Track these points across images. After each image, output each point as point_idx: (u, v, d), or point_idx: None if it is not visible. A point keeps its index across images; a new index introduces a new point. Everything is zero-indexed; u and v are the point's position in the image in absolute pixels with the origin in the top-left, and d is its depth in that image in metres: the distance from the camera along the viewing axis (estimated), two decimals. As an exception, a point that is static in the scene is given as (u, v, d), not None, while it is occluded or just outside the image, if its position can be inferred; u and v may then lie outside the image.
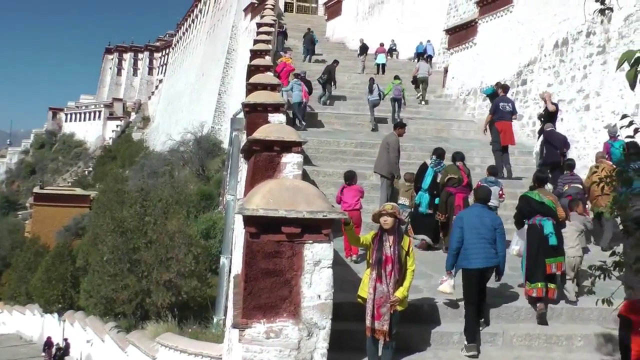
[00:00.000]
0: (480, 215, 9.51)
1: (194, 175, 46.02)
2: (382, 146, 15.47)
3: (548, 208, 10.19)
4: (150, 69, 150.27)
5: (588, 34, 22.24)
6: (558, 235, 9.95)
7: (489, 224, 9.37)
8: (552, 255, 9.78)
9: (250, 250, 6.11)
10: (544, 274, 9.76)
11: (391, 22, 46.53)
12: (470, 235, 9.22)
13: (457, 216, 10.30)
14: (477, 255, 9.15)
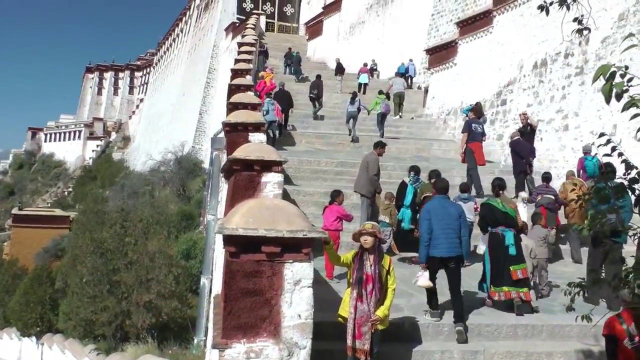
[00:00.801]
0: (445, 205, 10.06)
1: (175, 195, 45.80)
2: (362, 165, 15.60)
3: (510, 218, 10.80)
4: (131, 88, 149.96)
5: (566, 55, 22.50)
6: (518, 245, 10.63)
7: (453, 213, 9.94)
8: (515, 262, 10.45)
9: (230, 270, 6.07)
10: (510, 280, 10.39)
11: (372, 42, 46.89)
12: (437, 225, 9.71)
13: (423, 208, 10.63)
14: (442, 245, 9.66)
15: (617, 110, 16.44)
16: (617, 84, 3.71)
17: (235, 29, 60.66)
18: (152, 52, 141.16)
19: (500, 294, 10.48)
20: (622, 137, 16.79)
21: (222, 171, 11.14)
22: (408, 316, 9.72)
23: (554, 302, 11.08)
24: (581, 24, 5.32)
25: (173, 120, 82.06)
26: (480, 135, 18.89)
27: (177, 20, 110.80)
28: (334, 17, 56.87)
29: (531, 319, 10.21)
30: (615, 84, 3.71)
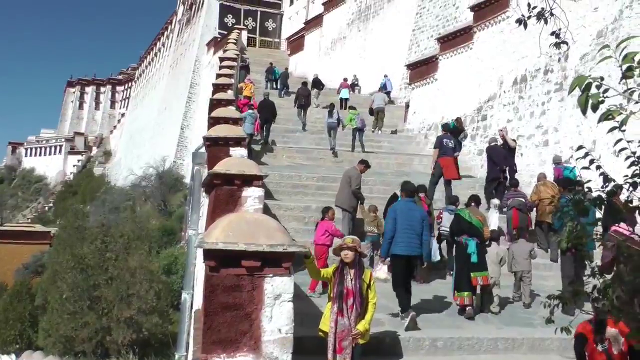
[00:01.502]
0: (410, 208, 10.92)
1: (156, 211, 45.73)
2: (344, 180, 15.76)
3: (475, 229, 11.50)
4: (113, 103, 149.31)
5: (546, 71, 22.69)
6: (481, 253, 11.33)
7: (417, 216, 10.77)
8: (476, 270, 11.14)
9: (210, 285, 6.06)
10: (470, 285, 11.08)
11: (354, 57, 47.10)
12: (401, 225, 10.45)
13: (390, 208, 11.37)
14: (404, 244, 10.40)
15: (596, 126, 16.70)
16: (594, 95, 3.75)
17: (217, 44, 60.75)
18: (134, 67, 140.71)
19: (463, 299, 11.12)
20: (602, 152, 16.91)
21: (203, 186, 11.13)
22: (389, 330, 9.74)
23: (535, 315, 11.16)
24: (559, 38, 5.38)
25: (155, 135, 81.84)
26: (451, 151, 19.14)
27: (159, 35, 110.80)
28: (315, 32, 57.12)
29: (512, 332, 10.27)
30: (591, 95, 3.75)
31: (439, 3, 34.13)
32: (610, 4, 20.59)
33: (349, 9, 51.05)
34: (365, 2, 48.40)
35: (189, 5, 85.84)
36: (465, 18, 30.08)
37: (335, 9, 53.89)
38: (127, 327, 22.08)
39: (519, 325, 10.75)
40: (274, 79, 40.48)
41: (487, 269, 11.39)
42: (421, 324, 10.25)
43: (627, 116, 3.80)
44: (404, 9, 41.54)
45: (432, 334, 9.75)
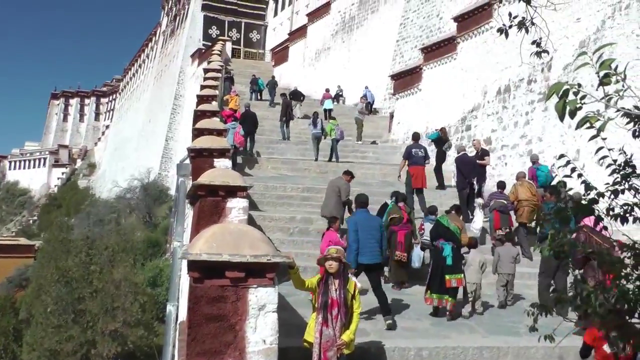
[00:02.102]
0: (368, 218, 11.71)
1: (141, 222, 45.57)
2: (331, 190, 15.82)
3: (451, 233, 12.07)
4: (97, 115, 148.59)
5: (529, 81, 22.83)
6: (456, 257, 11.84)
7: (375, 225, 11.56)
8: (450, 272, 11.64)
9: (194, 296, 6.04)
10: (443, 287, 11.59)
11: (337, 67, 47.23)
12: (363, 235, 11.09)
13: (351, 220, 11.88)
14: (366, 252, 11.05)
15: (580, 135, 16.78)
16: (571, 101, 3.78)
17: (201, 55, 60.77)
18: (118, 78, 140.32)
19: (434, 300, 11.75)
20: (585, 162, 16.99)
21: (187, 197, 11.11)
22: (374, 340, 9.73)
23: (520, 324, 11.17)
24: (539, 46, 5.42)
25: (139, 146, 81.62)
26: (422, 159, 19.39)
27: (143, 46, 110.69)
28: (299, 43, 57.26)
29: (497, 341, 10.29)
30: (568, 101, 3.78)
31: (423, 14, 34.30)
32: (592, 15, 20.77)
33: (332, 20, 51.24)
34: (349, 13, 48.58)
35: (173, 17, 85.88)
36: (449, 28, 30.23)
37: (319, 20, 54.09)
38: (112, 339, 21.95)
39: (504, 334, 10.77)
40: (258, 90, 40.56)
41: (461, 272, 11.95)
42: (406, 333, 10.31)
43: (604, 122, 3.83)
44: (387, 20, 41.74)
45: (417, 344, 9.75)
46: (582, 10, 21.37)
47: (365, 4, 46.18)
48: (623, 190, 4.82)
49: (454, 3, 30.83)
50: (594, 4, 21.02)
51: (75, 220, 61.47)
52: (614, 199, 4.82)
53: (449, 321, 11.53)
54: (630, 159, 4.86)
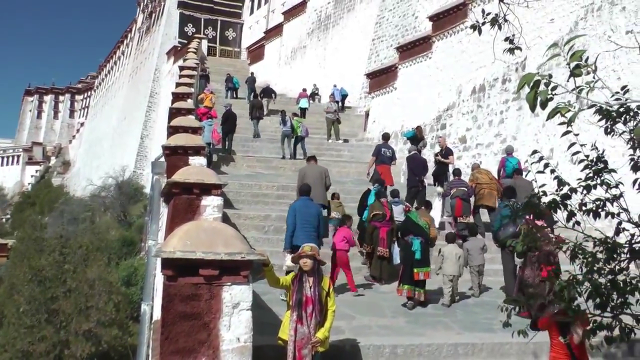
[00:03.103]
0: (307, 205, 12.63)
1: (116, 221, 45.27)
2: (317, 177, 16.25)
3: (420, 229, 12.65)
4: (72, 112, 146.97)
5: (504, 80, 22.99)
6: (424, 251, 12.45)
7: (314, 212, 12.51)
8: (419, 265, 12.22)
9: (168, 294, 6.00)
10: (412, 279, 12.15)
11: (313, 66, 47.20)
12: (300, 221, 12.15)
13: (291, 206, 12.83)
14: (302, 236, 11.76)
15: (553, 134, 16.92)
16: (542, 92, 3.80)
17: (177, 53, 60.51)
18: (93, 75, 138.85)
19: (403, 291, 12.27)
20: (559, 160, 17.14)
21: (162, 195, 11.05)
22: (349, 338, 9.72)
23: (494, 320, 11.21)
24: (512, 43, 5.45)
25: (114, 144, 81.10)
26: (388, 159, 20.12)
27: (119, 43, 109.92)
28: (275, 41, 57.21)
29: (472, 337, 10.33)
30: (539, 92, 3.80)
31: (398, 13, 34.37)
32: (565, 16, 20.96)
33: (308, 19, 51.22)
34: (325, 11, 48.58)
35: (149, 14, 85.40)
36: (425, 28, 30.33)
37: (294, 19, 54.05)
38: (86, 339, 21.79)
39: (479, 330, 10.82)
40: (234, 88, 40.47)
41: (429, 265, 12.53)
42: (381, 331, 10.33)
43: (575, 113, 3.86)
44: (363, 19, 41.79)
45: (392, 341, 9.76)
46: (555, 11, 21.57)
47: (341, 3, 46.20)
48: (595, 185, 4.88)
49: (430, 2, 30.92)
50: (567, 5, 21.23)
51: (49, 218, 60.89)
52: (587, 194, 4.87)
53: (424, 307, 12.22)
54: (602, 155, 4.92)
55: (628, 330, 4.77)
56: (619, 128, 4.58)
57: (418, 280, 12.24)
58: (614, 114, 4.46)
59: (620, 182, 4.92)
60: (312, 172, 16.48)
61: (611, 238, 4.92)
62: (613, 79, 17.28)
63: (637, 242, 4.86)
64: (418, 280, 12.24)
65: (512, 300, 5.15)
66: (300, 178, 16.21)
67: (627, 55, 18.33)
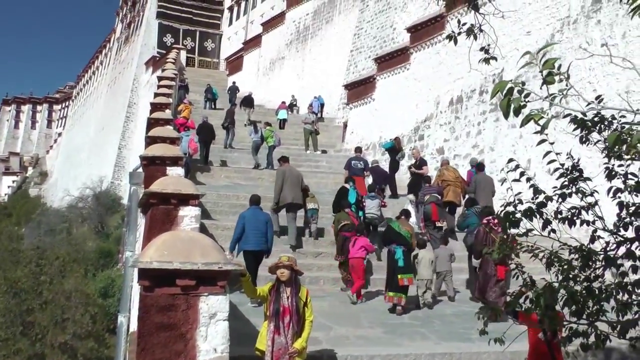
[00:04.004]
0: (256, 214, 13.60)
1: (93, 232, 45.00)
2: (295, 178, 16.95)
3: (403, 237, 13.32)
4: (50, 122, 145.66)
5: (481, 92, 23.14)
6: (407, 258, 13.09)
7: (262, 219, 13.48)
8: (402, 272, 12.84)
9: (144, 305, 5.96)
10: (398, 286, 12.74)
11: (292, 77, 47.27)
12: (249, 227, 13.19)
13: (241, 214, 13.81)
14: (252, 241, 13.12)
15: (530, 146, 17.04)
16: (515, 99, 3.83)
17: (156, 63, 60.35)
18: (71, 85, 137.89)
19: (391, 298, 12.86)
20: (536, 171, 17.24)
21: (139, 206, 11.00)
22: (326, 349, 9.71)
23: (471, 330, 11.23)
24: (488, 53, 5.49)
25: (92, 155, 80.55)
26: (360, 171, 20.43)
27: (97, 53, 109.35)
28: (254, 52, 57.23)
29: (449, 347, 10.36)
30: (513, 99, 3.83)
31: (377, 24, 34.51)
32: (542, 28, 21.17)
33: (287, 30, 51.30)
34: (304, 23, 48.70)
35: (127, 24, 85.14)
36: (402, 39, 30.46)
37: (273, 30, 54.13)
38: (62, 352, 21.61)
39: (456, 340, 10.85)
40: (213, 99, 40.48)
41: (411, 272, 13.12)
42: (359, 341, 10.35)
43: (548, 120, 3.90)
44: (341, 30, 41.93)
45: (370, 352, 9.76)
46: (532, 23, 21.78)
47: (320, 14, 46.34)
48: (570, 193, 4.92)
49: (408, 14, 31.08)
50: (543, 18, 21.44)
51: (26, 229, 60.31)
52: (562, 202, 4.90)
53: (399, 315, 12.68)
54: (577, 163, 4.96)
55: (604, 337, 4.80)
56: (594, 137, 4.63)
57: (402, 286, 12.82)
58: (589, 123, 4.51)
59: (595, 190, 4.97)
60: (291, 174, 17.08)
61: (586, 246, 4.95)
62: (589, 91, 17.44)
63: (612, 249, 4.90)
64: (402, 286, 12.82)
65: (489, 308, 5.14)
66: (281, 178, 16.84)
67: (603, 67, 18.56)
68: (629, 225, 4.88)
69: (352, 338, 10.66)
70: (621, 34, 18.27)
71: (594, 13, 19.53)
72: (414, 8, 30.58)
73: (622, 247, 4.87)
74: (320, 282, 14.96)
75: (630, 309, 4.72)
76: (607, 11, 19.09)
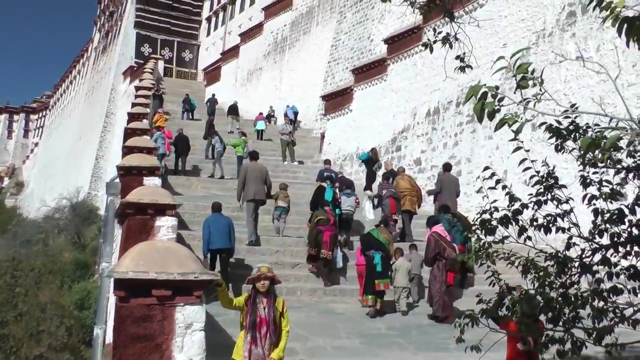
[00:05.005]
0: (219, 219, 14.63)
1: (69, 243, 44.57)
2: (258, 175, 17.32)
3: (381, 244, 13.95)
4: (26, 132, 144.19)
5: (458, 103, 23.27)
6: (385, 264, 13.68)
7: (225, 223, 14.44)
8: (380, 277, 13.51)
9: (120, 315, 5.91)
10: (374, 290, 13.43)
11: (269, 88, 47.32)
12: (214, 230, 14.17)
13: (206, 220, 14.85)
14: (216, 241, 14.14)
15: (507, 157, 17.14)
16: (489, 103, 3.85)
17: (133, 73, 60.12)
18: (48, 95, 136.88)
19: (367, 301, 13.51)
20: (513, 182, 17.32)
21: (116, 216, 10.94)
22: (303, 359, 9.69)
23: (449, 340, 11.23)
24: (463, 61, 5.52)
25: (69, 165, 79.95)
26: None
27: (75, 62, 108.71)
28: (231, 63, 57.17)
29: (426, 357, 10.38)
30: (486, 103, 3.85)
31: (354, 35, 34.61)
32: (517, 41, 21.35)
33: (265, 41, 51.34)
34: (282, 33, 48.78)
35: (105, 33, 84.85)
36: (380, 50, 30.57)
37: (251, 40, 54.14)
38: (37, 365, 21.40)
39: (434, 350, 10.87)
40: (190, 109, 40.38)
41: (388, 277, 13.79)
42: (335, 352, 10.36)
43: (521, 123, 3.92)
44: (319, 41, 42.05)
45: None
46: (508, 36, 21.96)
47: (298, 26, 46.44)
48: (546, 201, 4.95)
49: (385, 26, 31.20)
50: (519, 31, 21.64)
51: (1, 240, 59.71)
52: (538, 209, 4.93)
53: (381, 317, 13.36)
54: (552, 171, 4.99)
55: (580, 344, 4.82)
56: (569, 145, 4.66)
57: (379, 291, 13.51)
58: (564, 131, 4.55)
59: (570, 197, 5.00)
60: (254, 170, 17.46)
61: (562, 253, 4.98)
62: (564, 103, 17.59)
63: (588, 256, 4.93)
64: (379, 291, 13.51)
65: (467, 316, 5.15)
66: (243, 174, 17.43)
67: (578, 80, 18.78)
68: (604, 232, 4.91)
69: (329, 348, 10.64)
70: (595, 47, 18.47)
71: (569, 26, 19.75)
72: (391, 20, 30.70)
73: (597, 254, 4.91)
74: (298, 293, 14.91)
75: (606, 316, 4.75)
76: (581, 25, 19.30)
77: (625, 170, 4.62)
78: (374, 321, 13.06)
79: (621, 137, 3.85)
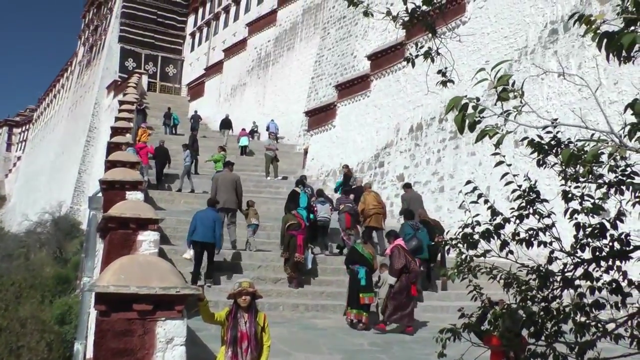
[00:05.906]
0: (207, 214, 15.22)
1: (51, 258, 44.32)
2: (229, 184, 17.97)
3: (365, 259, 14.16)
4: (9, 145, 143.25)
5: (441, 120, 23.38)
6: (369, 278, 13.95)
7: (211, 217, 15.05)
8: (364, 291, 13.78)
9: (100, 330, 5.87)
10: (359, 304, 13.70)
11: (253, 104, 47.38)
12: (199, 224, 14.74)
13: (196, 212, 15.50)
14: (201, 232, 14.68)
15: (490, 173, 17.20)
16: (469, 115, 3.86)
17: (117, 87, 60.08)
18: (32, 108, 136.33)
19: (352, 315, 13.79)
20: (495, 198, 17.39)
21: (98, 230, 10.87)
22: (286, 375, 9.65)
23: (431, 356, 11.19)
24: (445, 76, 5.53)
25: (51, 179, 79.59)
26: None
27: (59, 76, 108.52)
28: (215, 78, 57.21)
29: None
30: (467, 114, 3.86)
31: (337, 52, 34.74)
32: (500, 58, 21.46)
33: (248, 56, 51.44)
34: (265, 49, 48.89)
35: (90, 47, 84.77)
36: (363, 66, 30.69)
37: (235, 56, 54.23)
38: (16, 380, 21.19)
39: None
40: (173, 124, 40.29)
41: (373, 291, 13.97)
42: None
43: (502, 135, 3.93)
44: (303, 57, 42.18)
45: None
46: (490, 53, 22.13)
47: (282, 41, 46.58)
48: (528, 215, 4.96)
49: (368, 42, 31.35)
50: (502, 48, 21.82)
51: (-19, 255, 59.35)
52: (519, 223, 4.94)
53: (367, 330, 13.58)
54: (534, 185, 5.02)
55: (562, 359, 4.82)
56: (551, 160, 4.68)
57: (363, 304, 13.74)
58: (546, 146, 4.57)
59: (552, 212, 5.02)
60: (225, 178, 18.21)
61: (544, 266, 4.99)
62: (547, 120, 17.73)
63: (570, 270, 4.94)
64: (363, 304, 13.74)
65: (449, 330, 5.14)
66: (215, 183, 18.18)
67: (560, 98, 18.93)
68: (586, 247, 4.93)
69: (311, 365, 10.60)
70: (577, 65, 18.64)
71: (551, 44, 19.91)
72: (374, 36, 30.85)
73: (579, 268, 4.92)
74: (280, 309, 14.85)
75: (588, 330, 4.75)
76: (563, 42, 19.48)
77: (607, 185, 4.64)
78: (356, 337, 12.91)
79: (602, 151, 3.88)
